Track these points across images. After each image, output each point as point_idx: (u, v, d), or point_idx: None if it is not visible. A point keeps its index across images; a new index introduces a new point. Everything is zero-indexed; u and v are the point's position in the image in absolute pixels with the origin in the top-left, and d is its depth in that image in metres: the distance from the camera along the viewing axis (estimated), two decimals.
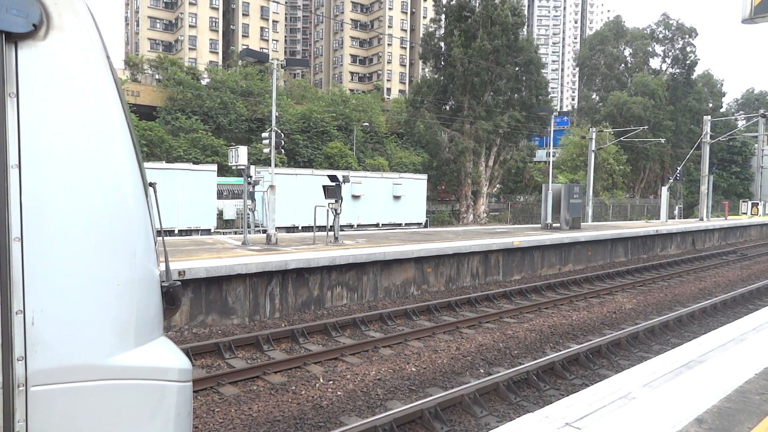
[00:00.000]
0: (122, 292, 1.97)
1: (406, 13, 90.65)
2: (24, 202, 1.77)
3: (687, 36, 56.34)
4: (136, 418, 1.98)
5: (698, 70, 59.86)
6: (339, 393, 6.66)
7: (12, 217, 1.75)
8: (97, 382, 1.89)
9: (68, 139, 1.87)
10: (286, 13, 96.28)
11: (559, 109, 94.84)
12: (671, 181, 32.13)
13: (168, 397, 2.06)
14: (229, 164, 14.10)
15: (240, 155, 13.38)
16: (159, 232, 2.41)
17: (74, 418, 1.86)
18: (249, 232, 15.90)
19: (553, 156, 33.53)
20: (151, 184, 2.34)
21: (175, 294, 2.36)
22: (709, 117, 35.04)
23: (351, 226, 26.03)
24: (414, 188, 29.34)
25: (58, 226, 1.83)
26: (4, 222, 1.74)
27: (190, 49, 73.69)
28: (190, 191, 21.27)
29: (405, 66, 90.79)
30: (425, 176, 31.46)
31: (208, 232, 21.83)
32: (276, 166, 16.18)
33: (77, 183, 1.87)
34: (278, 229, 17.46)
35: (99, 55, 1.99)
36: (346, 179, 15.21)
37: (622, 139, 40.63)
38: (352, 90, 76.13)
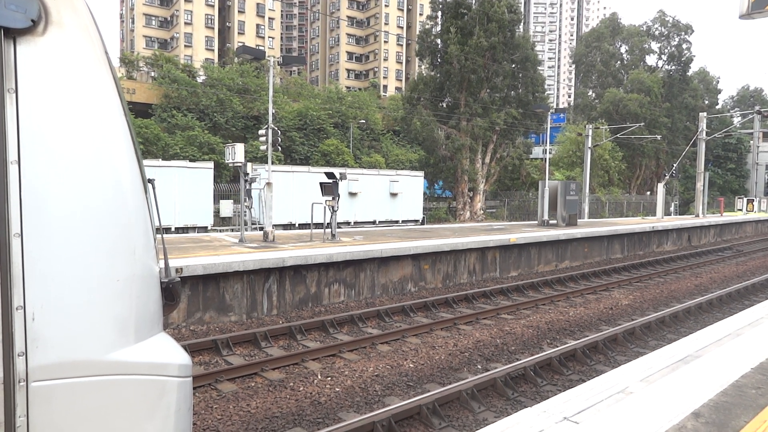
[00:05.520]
0: (122, 288, 1.97)
1: (403, 10, 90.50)
2: (24, 198, 1.77)
3: (683, 33, 56.44)
4: (137, 413, 1.98)
5: (694, 67, 60.07)
6: (337, 389, 6.67)
7: (12, 213, 1.75)
8: (98, 378, 1.90)
9: (67, 135, 1.86)
10: (282, 10, 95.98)
11: (555, 106, 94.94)
12: (667, 177, 32.15)
13: (168, 392, 2.06)
14: (226, 162, 14.08)
15: (237, 153, 13.36)
16: (158, 229, 2.41)
17: (75, 414, 1.86)
18: (246, 230, 15.88)
19: (550, 153, 33.60)
20: (149, 181, 2.34)
21: (174, 290, 2.37)
22: (705, 114, 35.13)
23: (348, 223, 26.03)
24: (411, 185, 29.35)
25: (57, 222, 1.83)
26: (4, 218, 1.74)
27: (185, 46, 73.39)
28: (187, 189, 21.24)
29: (401, 63, 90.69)
30: (422, 173, 31.47)
31: (205, 229, 21.80)
32: (273, 163, 16.16)
33: (77, 179, 1.87)
34: (275, 226, 17.44)
35: (98, 51, 1.99)
36: (343, 176, 15.19)
37: (618, 136, 40.71)
38: (348, 87, 76.04)
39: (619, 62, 58.21)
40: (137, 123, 36.57)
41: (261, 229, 17.77)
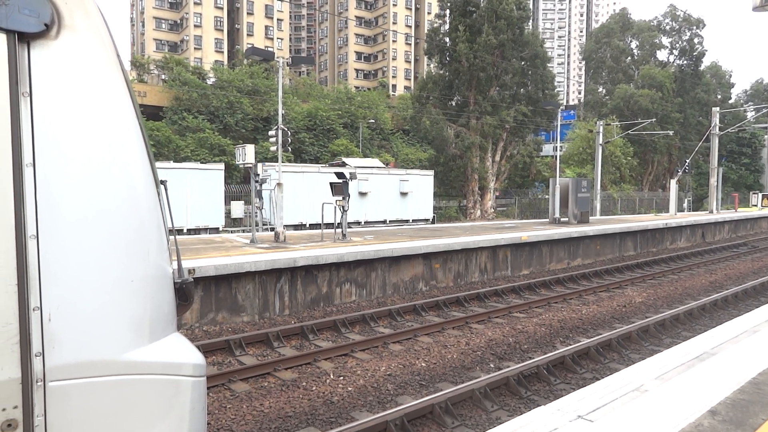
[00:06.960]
0: (137, 289, 1.98)
1: (411, 9, 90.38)
2: (39, 201, 1.79)
3: (694, 27, 55.76)
4: (152, 413, 2.00)
5: (706, 62, 59.25)
6: (349, 389, 6.68)
7: (27, 215, 1.77)
8: (113, 378, 1.91)
9: (81, 138, 1.88)
10: (290, 12, 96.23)
11: (565, 103, 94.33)
12: (680, 173, 31.83)
13: (183, 391, 2.07)
14: (237, 163, 14.15)
15: (247, 154, 13.42)
16: (171, 231, 2.42)
17: (91, 413, 1.88)
18: (257, 230, 15.96)
19: (560, 150, 33.37)
20: (162, 182, 2.36)
21: (187, 290, 2.38)
22: (718, 108, 34.69)
23: (358, 222, 26.04)
24: (421, 184, 29.30)
25: (72, 224, 1.84)
26: (20, 220, 1.76)
27: (195, 48, 73.87)
28: (199, 190, 21.37)
29: (410, 62, 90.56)
30: (432, 172, 31.41)
31: (216, 230, 21.92)
32: (282, 163, 16.20)
33: (91, 181, 1.89)
34: (286, 226, 17.51)
35: (110, 54, 2.00)
36: (353, 176, 15.20)
37: (629, 132, 40.34)
38: (357, 87, 76.09)
39: (629, 58, 57.63)
40: (149, 125, 36.87)
41: (272, 229, 17.84)
